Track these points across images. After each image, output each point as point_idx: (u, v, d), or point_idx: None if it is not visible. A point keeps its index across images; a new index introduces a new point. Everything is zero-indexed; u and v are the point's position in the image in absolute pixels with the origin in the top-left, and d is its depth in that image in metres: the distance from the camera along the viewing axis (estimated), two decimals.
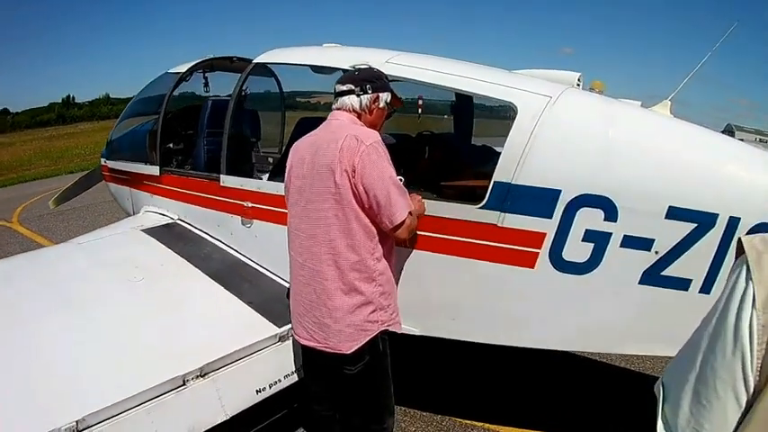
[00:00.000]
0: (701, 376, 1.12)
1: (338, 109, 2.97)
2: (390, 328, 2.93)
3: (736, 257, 1.16)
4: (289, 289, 3.10)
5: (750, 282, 1.06)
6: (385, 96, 2.99)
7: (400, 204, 2.74)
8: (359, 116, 2.95)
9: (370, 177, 2.68)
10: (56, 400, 2.70)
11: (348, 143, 2.70)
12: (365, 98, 2.93)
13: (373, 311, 2.83)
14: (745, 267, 1.09)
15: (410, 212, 2.81)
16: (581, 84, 3.88)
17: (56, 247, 5.91)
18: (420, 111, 6.15)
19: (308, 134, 2.98)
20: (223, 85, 5.74)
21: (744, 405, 1.06)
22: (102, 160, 6.77)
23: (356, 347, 2.79)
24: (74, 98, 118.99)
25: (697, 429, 1.12)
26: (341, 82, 2.99)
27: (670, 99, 3.77)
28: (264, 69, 5.17)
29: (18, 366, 2.91)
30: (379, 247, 2.85)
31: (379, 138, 2.81)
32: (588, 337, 3.14)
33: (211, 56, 5.66)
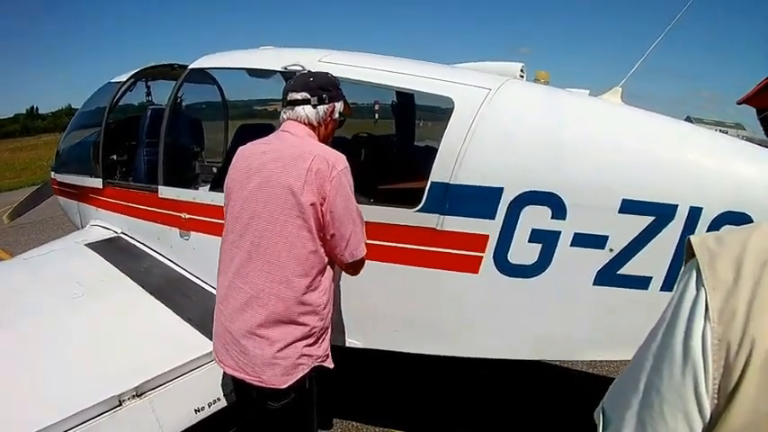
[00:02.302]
0: (645, 401, 0.95)
1: (292, 119, 2.70)
2: (324, 364, 2.68)
3: (686, 262, 0.99)
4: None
5: (702, 288, 0.90)
6: (339, 106, 2.76)
7: (361, 239, 2.58)
8: (314, 129, 2.70)
9: (339, 208, 2.47)
10: None
11: (318, 166, 2.44)
12: (322, 110, 2.68)
13: (310, 345, 2.57)
14: (695, 272, 0.92)
15: (365, 247, 2.64)
16: (524, 75, 3.74)
17: (1, 263, 5.82)
18: (377, 115, 6.02)
19: (257, 143, 2.70)
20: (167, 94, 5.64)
21: None
22: (52, 174, 6.64)
23: (291, 382, 2.51)
24: (37, 109, 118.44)
25: None
26: (294, 89, 2.70)
27: (621, 86, 3.63)
28: (203, 76, 5.06)
29: None
30: (326, 278, 2.62)
31: (347, 161, 2.56)
32: (542, 345, 2.98)
33: (152, 63, 5.53)
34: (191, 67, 4.30)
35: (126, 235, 4.72)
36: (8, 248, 11.04)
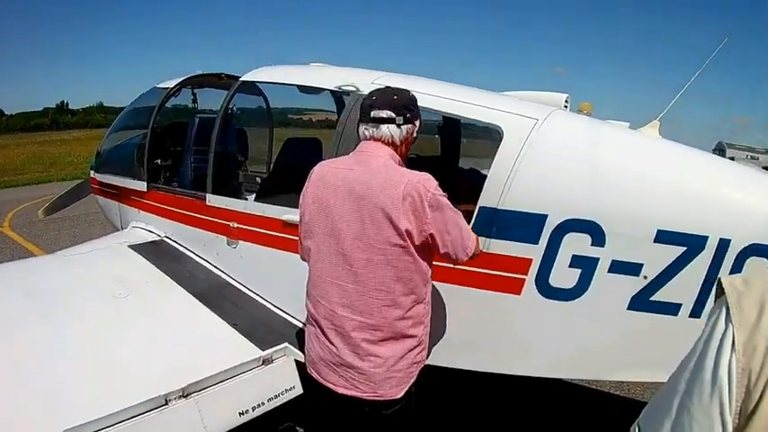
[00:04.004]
0: (677, 421, 1.09)
1: (375, 139, 2.62)
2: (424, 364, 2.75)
3: (716, 299, 1.12)
4: (300, 328, 2.98)
5: (730, 324, 1.03)
6: (418, 125, 2.72)
7: (468, 232, 2.61)
8: (396, 149, 2.63)
9: (447, 225, 2.49)
10: (33, 415, 2.67)
11: (413, 193, 2.42)
12: (405, 129, 2.62)
13: (419, 353, 2.64)
14: (724, 309, 1.06)
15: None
16: (569, 105, 3.85)
17: (41, 258, 5.88)
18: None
19: (337, 166, 2.65)
20: (210, 102, 5.77)
21: None
22: (91, 172, 6.75)
23: (405, 390, 2.58)
24: (67, 104, 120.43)
25: None
26: (378, 106, 2.61)
27: (659, 119, 3.74)
28: (252, 87, 5.12)
29: None
30: (428, 288, 2.66)
31: (432, 177, 2.54)
32: (577, 364, 3.08)
33: (200, 72, 5.63)
34: (242, 79, 4.41)
35: (169, 239, 4.81)
36: (37, 241, 11.31)
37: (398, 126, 2.60)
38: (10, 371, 2.93)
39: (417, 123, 2.71)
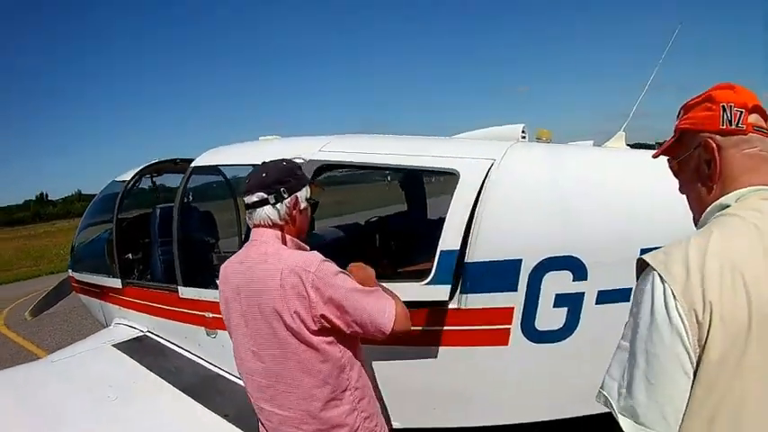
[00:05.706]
0: (649, 367, 1.32)
1: (257, 224, 2.48)
2: None
3: (639, 273, 1.43)
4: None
5: (665, 283, 1.32)
6: (303, 194, 2.52)
7: (380, 306, 2.34)
8: (281, 228, 2.46)
9: (341, 304, 2.27)
10: None
11: (291, 281, 2.27)
12: (283, 207, 2.44)
13: None
14: (656, 275, 1.35)
15: (396, 303, 2.38)
16: (526, 135, 3.73)
17: (28, 365, 5.81)
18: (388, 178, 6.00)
19: (234, 259, 2.53)
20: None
21: (691, 374, 1.29)
22: (69, 271, 6.71)
23: None
24: (47, 195, 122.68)
25: (658, 404, 1.31)
26: (249, 190, 2.47)
27: (623, 130, 3.65)
28: (207, 169, 4.99)
29: None
30: (353, 373, 2.44)
31: (318, 255, 2.38)
32: (579, 402, 2.90)
33: (155, 160, 5.66)
34: (193, 164, 4.36)
35: (152, 334, 4.74)
36: (34, 339, 11.39)
37: (273, 206, 2.44)
38: None
39: (301, 193, 2.51)
